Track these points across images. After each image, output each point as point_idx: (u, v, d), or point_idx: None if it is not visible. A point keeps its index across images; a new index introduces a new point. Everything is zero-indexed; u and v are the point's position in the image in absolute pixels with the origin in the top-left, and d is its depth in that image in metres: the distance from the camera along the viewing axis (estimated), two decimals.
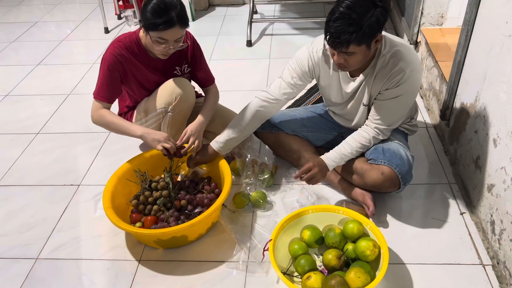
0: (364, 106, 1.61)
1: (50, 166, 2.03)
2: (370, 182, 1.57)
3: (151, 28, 1.53)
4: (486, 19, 1.53)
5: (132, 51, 1.67)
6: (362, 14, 1.28)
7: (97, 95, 1.68)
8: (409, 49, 1.50)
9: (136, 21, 3.42)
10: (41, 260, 1.56)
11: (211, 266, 1.50)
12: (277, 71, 2.68)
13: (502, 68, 1.39)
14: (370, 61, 1.49)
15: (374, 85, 1.53)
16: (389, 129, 1.59)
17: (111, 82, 1.67)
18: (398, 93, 1.50)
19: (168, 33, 1.54)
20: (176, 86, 1.72)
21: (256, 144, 2.02)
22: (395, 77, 1.46)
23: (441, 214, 1.63)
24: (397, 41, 1.50)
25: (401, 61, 1.45)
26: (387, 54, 1.47)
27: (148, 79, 1.76)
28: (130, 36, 1.68)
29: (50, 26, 3.64)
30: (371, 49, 1.39)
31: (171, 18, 1.51)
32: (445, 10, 2.33)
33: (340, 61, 1.41)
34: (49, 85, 2.73)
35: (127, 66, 1.68)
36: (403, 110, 1.59)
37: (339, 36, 1.30)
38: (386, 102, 1.53)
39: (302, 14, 3.49)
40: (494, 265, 1.42)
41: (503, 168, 1.36)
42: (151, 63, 1.73)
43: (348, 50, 1.34)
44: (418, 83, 1.53)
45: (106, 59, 1.65)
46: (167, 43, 1.57)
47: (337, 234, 1.44)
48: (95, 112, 1.69)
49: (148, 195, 1.61)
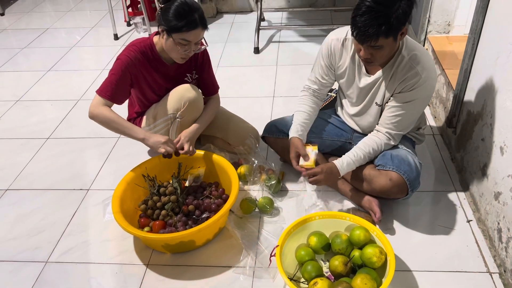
0: (377, 106, 1.62)
1: (59, 170, 2.06)
2: (378, 188, 1.58)
3: (175, 30, 1.57)
4: (493, 28, 1.54)
5: (146, 56, 1.70)
6: (389, 7, 1.30)
7: (101, 91, 1.68)
8: (428, 56, 1.52)
9: (145, 27, 3.46)
10: (50, 263, 1.58)
11: (218, 271, 1.51)
12: (285, 78, 2.74)
13: (508, 77, 1.39)
14: (390, 58, 1.51)
15: (389, 84, 1.54)
16: (400, 134, 1.60)
17: (120, 83, 1.69)
18: (411, 98, 1.51)
19: (191, 34, 1.58)
20: (186, 92, 1.74)
21: (263, 150, 2.04)
22: (410, 80, 1.48)
23: (448, 222, 1.63)
24: (416, 46, 1.52)
25: (418, 65, 1.47)
26: (406, 55, 1.49)
27: (159, 84, 1.79)
28: (144, 42, 1.71)
29: (61, 32, 3.70)
30: (397, 42, 1.40)
31: (195, 20, 1.56)
32: (452, 18, 2.34)
33: (367, 55, 1.42)
34: (59, 90, 2.77)
35: (140, 69, 1.71)
36: (415, 116, 1.60)
37: (368, 30, 1.32)
38: (399, 107, 1.54)
39: (309, 21, 3.52)
40: (501, 273, 1.42)
41: (510, 176, 1.37)
42: (163, 69, 1.76)
43: (377, 43, 1.35)
44: (432, 89, 1.55)
45: (121, 60, 1.67)
46: (189, 44, 1.61)
47: (344, 240, 1.45)
48: (95, 107, 1.67)
49: (156, 200, 1.63)
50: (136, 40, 1.73)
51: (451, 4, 2.29)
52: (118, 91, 1.70)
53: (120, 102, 1.76)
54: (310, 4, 3.70)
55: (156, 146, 1.66)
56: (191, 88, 1.76)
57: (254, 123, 2.04)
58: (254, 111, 2.40)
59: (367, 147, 1.59)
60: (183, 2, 1.56)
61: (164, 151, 1.66)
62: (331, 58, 1.65)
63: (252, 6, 3.78)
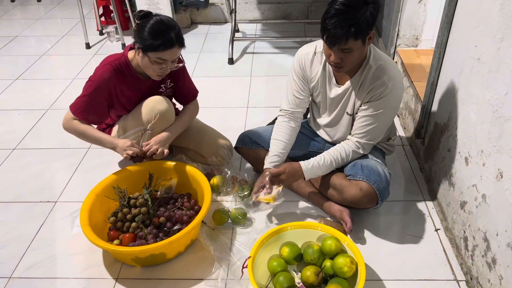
0: (348, 116, 1.65)
1: (26, 182, 1.99)
2: (349, 198, 1.60)
3: (151, 49, 1.55)
4: (457, 43, 1.60)
5: (122, 74, 1.68)
6: (357, 9, 1.34)
7: (75, 111, 1.67)
8: (394, 66, 1.57)
9: (118, 37, 3.42)
10: (14, 279, 1.52)
11: (190, 284, 1.48)
12: (258, 89, 2.76)
13: (471, 89, 1.45)
14: (358, 68, 1.54)
15: (358, 94, 1.58)
16: (369, 144, 1.63)
17: (94, 104, 1.67)
18: (379, 107, 1.55)
19: (168, 53, 1.56)
20: (156, 104, 1.73)
21: (236, 160, 2.03)
22: (378, 89, 1.52)
23: (417, 231, 1.67)
24: (383, 56, 1.56)
25: (385, 75, 1.51)
26: (374, 65, 1.52)
27: (131, 100, 1.77)
28: (119, 59, 1.68)
29: (30, 40, 3.61)
30: (365, 46, 1.44)
31: (171, 39, 1.54)
32: (419, 33, 2.42)
33: (337, 60, 1.44)
34: (27, 100, 2.70)
35: (114, 90, 1.69)
36: (383, 125, 1.63)
37: (337, 31, 1.35)
38: (368, 116, 1.57)
39: (283, 33, 3.56)
40: (468, 280, 1.46)
41: (475, 185, 1.41)
42: (138, 85, 1.74)
43: (346, 45, 1.38)
44: (399, 99, 1.59)
45: (94, 82, 1.64)
46: (165, 63, 1.60)
47: (316, 250, 1.46)
48: (67, 121, 1.69)
49: (126, 212, 1.60)
50: (109, 57, 1.71)
51: (418, 19, 2.37)
52: (91, 112, 1.68)
53: (96, 122, 1.74)
54: (284, 16, 3.75)
55: (122, 150, 1.65)
56: (163, 100, 1.75)
57: (228, 133, 2.04)
58: (228, 121, 2.40)
59: (335, 153, 1.62)
60: (159, 21, 1.54)
61: (132, 152, 1.64)
62: (303, 71, 1.67)
63: (226, 17, 3.80)
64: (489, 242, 1.31)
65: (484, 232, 1.34)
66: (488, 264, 1.31)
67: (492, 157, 1.29)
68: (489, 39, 1.32)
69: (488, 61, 1.33)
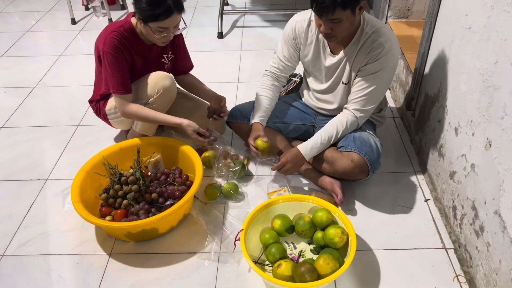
0: (343, 85, 1.65)
1: (15, 161, 1.97)
2: (340, 169, 1.61)
3: (150, 19, 1.55)
4: (448, 12, 1.58)
5: (127, 39, 1.66)
6: None
7: (115, 89, 1.66)
8: (390, 30, 1.57)
9: (105, 12, 3.34)
10: (7, 256, 1.53)
11: (183, 258, 1.50)
12: (249, 63, 2.72)
13: (462, 59, 1.44)
14: (352, 37, 1.54)
15: (355, 62, 1.58)
16: (367, 110, 1.62)
17: (122, 71, 1.66)
18: (377, 68, 1.54)
19: (168, 21, 1.57)
20: (161, 80, 1.73)
21: (227, 135, 2.03)
22: (375, 50, 1.52)
23: (407, 201, 1.69)
24: (379, 22, 1.57)
25: (381, 37, 1.51)
26: (369, 31, 1.53)
27: (137, 67, 1.76)
28: (123, 25, 1.66)
29: (14, 16, 3.51)
30: (356, 16, 1.43)
31: (169, 6, 1.54)
32: (411, 4, 2.39)
33: (327, 30, 1.44)
34: (13, 77, 2.64)
35: (127, 54, 1.68)
36: (381, 89, 1.61)
37: (325, 1, 1.34)
38: (365, 80, 1.57)
39: (272, 6, 3.50)
40: (456, 248, 1.49)
41: (464, 155, 1.42)
42: (144, 52, 1.74)
43: (334, 16, 1.38)
44: (396, 59, 1.59)
45: (111, 53, 1.62)
46: (167, 30, 1.60)
47: (307, 222, 1.47)
48: (125, 109, 1.70)
49: (118, 188, 1.60)
50: (113, 24, 1.68)
51: None
52: (126, 79, 1.68)
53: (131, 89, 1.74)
54: None
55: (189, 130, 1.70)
56: (167, 77, 1.75)
57: None
58: None
59: (332, 128, 1.61)
60: None
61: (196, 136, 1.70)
62: (296, 39, 1.66)
63: None
64: (477, 210, 1.33)
65: (473, 201, 1.36)
66: (476, 231, 1.34)
67: (481, 126, 1.29)
68: (480, 7, 1.30)
69: (479, 30, 1.32)
